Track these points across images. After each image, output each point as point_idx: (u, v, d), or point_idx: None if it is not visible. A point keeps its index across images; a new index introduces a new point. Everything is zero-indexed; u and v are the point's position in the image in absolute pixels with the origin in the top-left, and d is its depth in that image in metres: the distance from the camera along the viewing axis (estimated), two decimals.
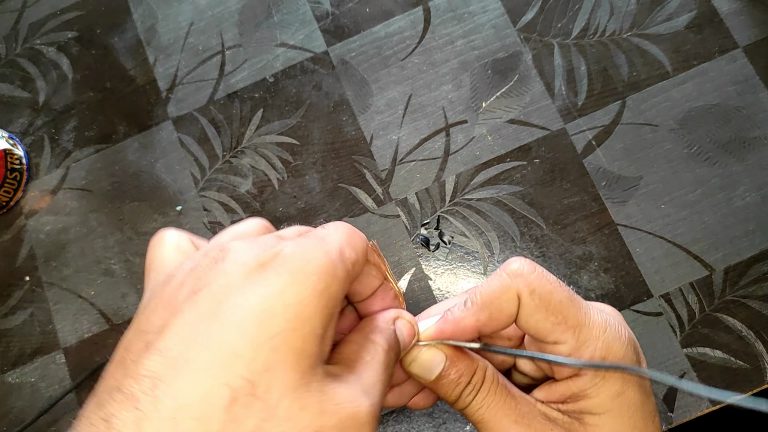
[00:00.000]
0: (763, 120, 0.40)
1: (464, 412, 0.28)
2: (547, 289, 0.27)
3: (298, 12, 0.46)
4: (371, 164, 0.42)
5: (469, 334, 0.28)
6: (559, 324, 0.27)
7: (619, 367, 0.24)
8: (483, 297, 0.27)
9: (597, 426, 0.27)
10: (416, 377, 0.28)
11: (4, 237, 0.44)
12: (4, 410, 0.41)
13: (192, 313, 0.21)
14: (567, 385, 0.28)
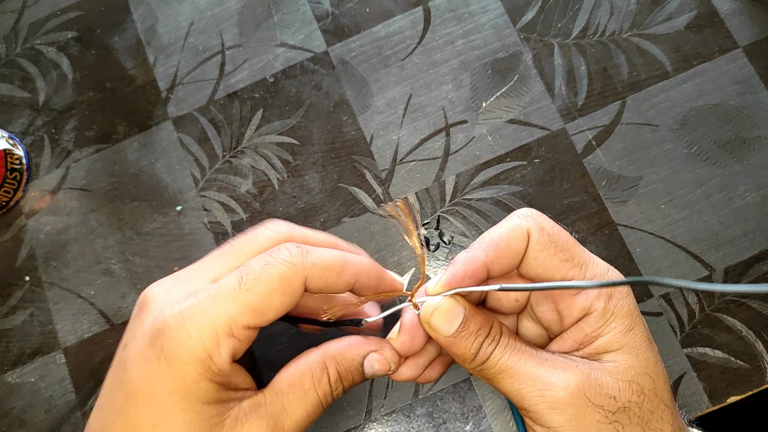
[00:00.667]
0: (763, 120, 0.40)
1: (482, 368, 0.28)
2: (555, 228, 0.28)
3: (298, 12, 0.46)
4: (371, 164, 0.42)
5: (479, 273, 0.28)
6: (566, 261, 0.28)
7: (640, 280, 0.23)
8: (492, 236, 0.28)
9: (616, 362, 0.27)
10: (435, 333, 0.28)
11: (4, 237, 0.44)
12: (4, 410, 0.41)
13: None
14: (579, 328, 0.28)
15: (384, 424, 0.38)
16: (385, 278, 0.30)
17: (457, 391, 0.38)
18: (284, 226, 0.30)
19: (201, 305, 0.26)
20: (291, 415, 0.27)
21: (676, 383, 0.37)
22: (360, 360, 0.30)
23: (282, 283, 0.26)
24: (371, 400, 0.39)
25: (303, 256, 0.27)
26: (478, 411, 0.38)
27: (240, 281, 0.26)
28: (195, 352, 0.25)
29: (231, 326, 0.25)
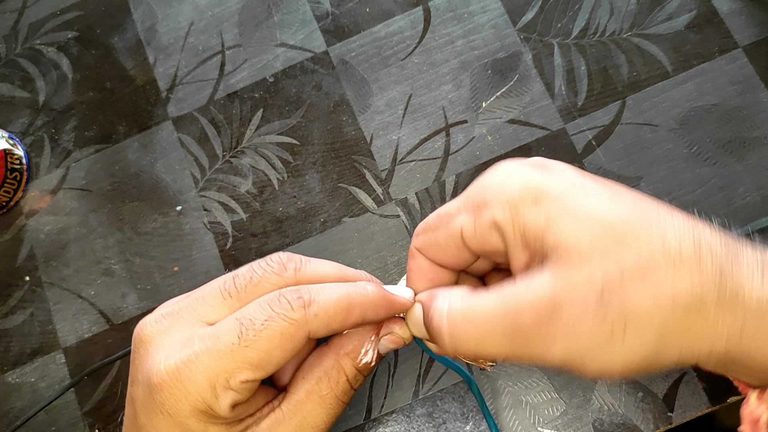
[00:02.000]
0: (763, 120, 0.40)
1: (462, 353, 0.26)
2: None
3: (298, 12, 0.46)
4: (371, 164, 0.42)
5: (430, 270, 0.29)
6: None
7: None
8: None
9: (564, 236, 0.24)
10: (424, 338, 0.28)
11: (4, 237, 0.44)
12: (4, 410, 0.41)
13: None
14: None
15: (384, 424, 0.38)
16: (393, 305, 0.29)
17: (457, 391, 0.38)
18: (291, 269, 0.29)
19: (198, 360, 0.25)
20: (313, 424, 0.27)
21: (676, 383, 0.37)
22: (375, 346, 0.29)
23: (283, 340, 0.25)
24: (371, 400, 0.39)
25: (305, 310, 0.26)
26: (478, 411, 0.38)
27: (239, 336, 0.25)
28: (195, 406, 0.25)
29: (229, 381, 0.25)
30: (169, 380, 0.25)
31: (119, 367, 0.41)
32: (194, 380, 0.25)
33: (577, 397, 0.37)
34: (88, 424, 0.40)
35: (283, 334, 0.25)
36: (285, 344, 0.25)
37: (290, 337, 0.25)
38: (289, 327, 0.25)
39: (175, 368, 0.25)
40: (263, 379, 0.26)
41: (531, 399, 0.38)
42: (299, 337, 0.26)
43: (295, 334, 0.25)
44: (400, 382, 0.39)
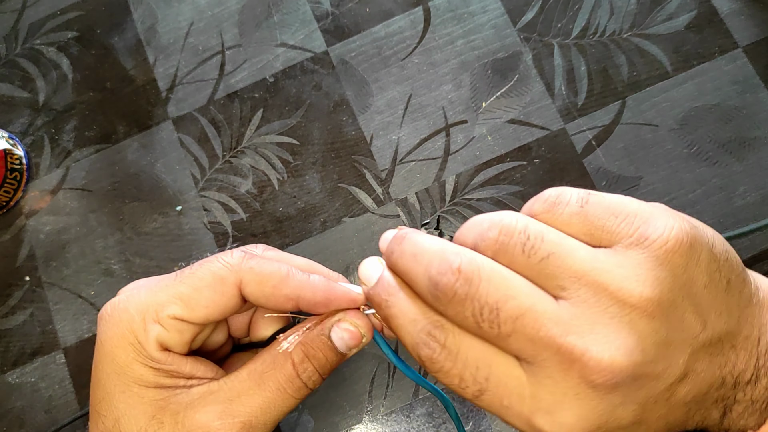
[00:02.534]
0: (763, 120, 0.40)
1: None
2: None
3: (298, 12, 0.46)
4: (371, 164, 0.42)
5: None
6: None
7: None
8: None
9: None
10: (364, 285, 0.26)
11: (4, 237, 0.44)
12: (4, 410, 0.41)
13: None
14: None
15: (384, 424, 0.38)
16: (335, 292, 0.28)
17: None
18: (261, 249, 0.30)
19: (137, 294, 0.27)
20: (246, 402, 0.27)
21: None
22: (326, 333, 0.28)
23: (214, 280, 0.26)
24: (371, 400, 0.39)
25: (241, 260, 0.27)
26: (478, 411, 0.38)
27: (176, 275, 0.27)
28: (123, 336, 0.26)
29: (158, 313, 0.26)
30: (108, 311, 0.27)
31: None
32: (127, 310, 0.27)
33: None
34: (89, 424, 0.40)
35: (214, 273, 0.26)
36: (216, 285, 0.26)
37: (221, 280, 0.26)
38: (222, 269, 0.26)
39: (117, 301, 0.27)
40: (196, 325, 0.27)
41: None
42: (230, 283, 0.26)
43: (225, 278, 0.26)
44: (400, 382, 0.39)
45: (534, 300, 0.21)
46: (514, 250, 0.22)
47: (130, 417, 0.26)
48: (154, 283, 0.27)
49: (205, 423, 0.26)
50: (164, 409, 0.26)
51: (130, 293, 0.28)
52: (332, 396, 0.39)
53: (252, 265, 0.27)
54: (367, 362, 0.39)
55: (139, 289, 0.28)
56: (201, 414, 0.26)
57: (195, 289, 0.26)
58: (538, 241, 0.22)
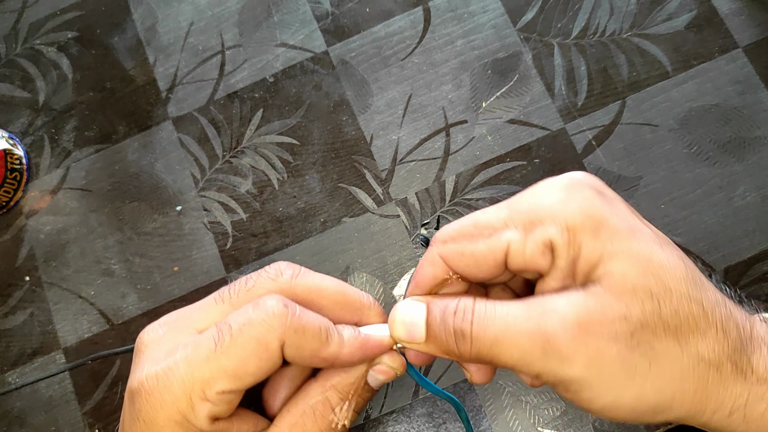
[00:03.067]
0: (763, 120, 0.40)
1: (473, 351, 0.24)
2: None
3: (298, 12, 0.46)
4: (371, 164, 0.42)
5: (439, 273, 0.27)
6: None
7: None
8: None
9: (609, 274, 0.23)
10: (407, 343, 0.26)
11: (4, 237, 0.44)
12: (4, 410, 0.41)
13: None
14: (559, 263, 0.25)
15: (384, 424, 0.38)
16: (369, 348, 0.27)
17: (457, 391, 0.38)
18: (287, 274, 0.28)
19: (176, 368, 0.25)
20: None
21: None
22: (363, 379, 0.28)
23: (258, 347, 0.25)
24: (371, 400, 0.39)
25: (284, 319, 0.25)
26: (478, 411, 0.38)
27: (216, 342, 0.25)
28: (170, 416, 0.25)
29: (205, 391, 0.25)
30: (147, 388, 0.25)
31: (119, 367, 0.41)
32: (170, 389, 0.25)
33: None
34: (88, 424, 0.40)
35: (259, 341, 0.24)
36: (260, 352, 0.25)
37: (265, 346, 0.25)
38: (266, 333, 0.24)
39: (154, 376, 0.25)
40: (243, 390, 0.26)
41: (531, 399, 0.38)
42: (274, 348, 0.25)
43: (270, 344, 0.25)
44: (400, 382, 0.39)
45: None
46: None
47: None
48: (192, 352, 0.25)
49: None
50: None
51: (167, 367, 0.25)
52: None
53: (295, 327, 0.25)
54: None
55: (175, 361, 0.25)
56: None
57: (240, 360, 0.25)
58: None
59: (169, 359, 0.25)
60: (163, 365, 0.25)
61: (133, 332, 0.41)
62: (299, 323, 0.25)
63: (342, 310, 0.28)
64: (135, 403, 0.25)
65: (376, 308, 0.30)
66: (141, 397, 0.25)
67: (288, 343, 0.25)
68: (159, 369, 0.25)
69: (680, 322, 0.22)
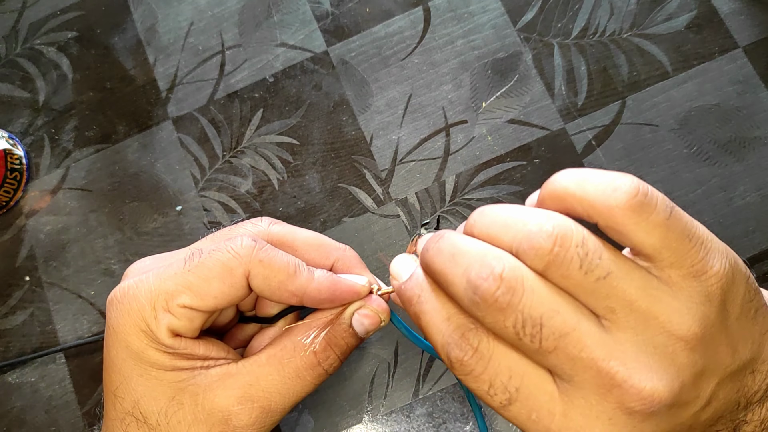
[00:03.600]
0: (763, 120, 0.40)
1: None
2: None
3: (298, 12, 0.46)
4: (371, 164, 0.42)
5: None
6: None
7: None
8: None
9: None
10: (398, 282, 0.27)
11: (4, 237, 0.44)
12: (4, 410, 0.41)
13: None
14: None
15: (384, 424, 0.38)
16: (339, 288, 0.29)
17: (457, 391, 0.38)
18: (266, 223, 0.31)
19: (146, 280, 0.27)
20: (265, 387, 0.27)
21: None
22: (348, 322, 0.29)
23: (222, 271, 0.26)
24: (371, 400, 0.39)
25: (251, 250, 0.27)
26: None
27: (186, 262, 0.27)
28: (135, 323, 0.27)
29: (168, 302, 0.26)
30: (119, 297, 0.27)
31: None
32: (137, 298, 0.27)
33: None
34: (88, 423, 0.40)
35: (224, 264, 0.26)
36: (224, 276, 0.26)
37: (230, 271, 0.26)
38: (232, 260, 0.26)
39: (126, 287, 0.27)
40: (205, 312, 0.27)
41: None
42: (238, 274, 0.26)
43: (234, 269, 0.26)
44: (400, 382, 0.39)
45: (579, 318, 0.20)
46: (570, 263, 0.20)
47: (149, 399, 0.27)
48: (163, 269, 0.27)
49: (225, 406, 0.27)
50: (183, 391, 0.27)
51: (139, 279, 0.27)
52: (332, 396, 0.39)
53: (261, 257, 0.27)
54: (367, 362, 0.39)
55: (147, 275, 0.28)
56: (220, 397, 0.27)
57: (204, 279, 0.26)
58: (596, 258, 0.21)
59: (142, 275, 0.28)
60: (135, 279, 0.28)
61: None
62: (265, 255, 0.27)
63: (316, 252, 0.30)
64: (108, 314, 0.28)
65: (351, 252, 0.31)
66: (112, 306, 0.28)
67: (253, 273, 0.27)
68: (131, 282, 0.28)
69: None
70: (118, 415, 0.27)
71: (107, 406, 0.28)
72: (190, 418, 0.27)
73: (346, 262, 0.31)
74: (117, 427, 0.27)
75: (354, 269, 0.31)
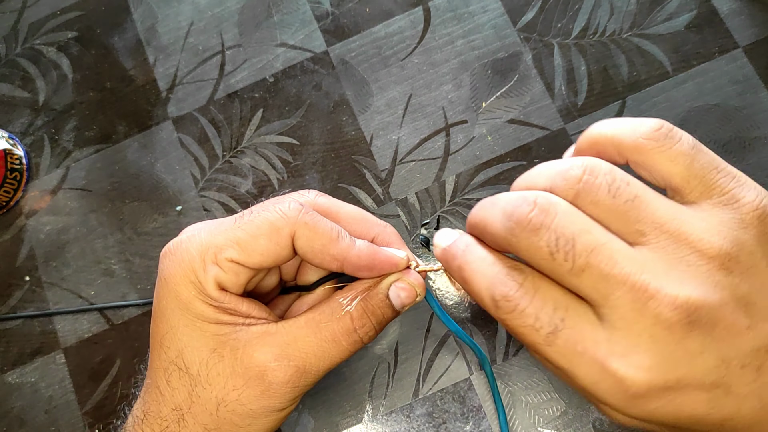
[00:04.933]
0: (763, 120, 0.40)
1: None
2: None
3: (298, 12, 0.46)
4: (371, 164, 0.42)
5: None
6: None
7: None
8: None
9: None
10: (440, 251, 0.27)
11: (4, 237, 0.44)
12: (4, 410, 0.41)
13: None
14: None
15: (384, 424, 0.38)
16: (378, 258, 0.30)
17: (457, 391, 0.38)
18: (312, 194, 0.32)
19: (198, 235, 0.29)
20: (302, 348, 0.28)
21: None
22: (384, 292, 0.30)
23: (270, 229, 0.28)
24: (371, 400, 0.39)
25: (297, 212, 0.28)
26: (478, 411, 0.38)
27: (236, 220, 0.28)
28: (185, 274, 0.28)
29: (216, 255, 0.27)
30: (172, 249, 0.29)
31: (119, 367, 0.41)
32: (189, 250, 0.28)
33: (577, 397, 0.37)
34: (88, 424, 0.40)
35: (272, 223, 0.28)
36: (271, 234, 0.28)
37: (276, 230, 0.28)
38: (278, 219, 0.28)
39: (179, 241, 0.29)
40: (251, 269, 0.28)
41: (531, 399, 0.38)
42: (284, 234, 0.28)
43: (281, 228, 0.28)
44: (400, 382, 0.39)
45: (610, 237, 0.21)
46: (599, 189, 0.22)
47: (192, 349, 0.28)
48: (215, 226, 0.29)
49: (262, 362, 0.28)
50: (224, 344, 0.28)
51: (191, 234, 0.29)
52: (332, 396, 0.39)
53: (306, 220, 0.28)
54: (367, 362, 0.39)
55: (199, 231, 0.29)
56: (259, 353, 0.28)
57: (252, 236, 0.28)
58: (623, 184, 0.22)
59: (194, 231, 0.29)
60: (188, 234, 0.29)
61: (133, 332, 0.41)
62: (311, 218, 0.28)
63: (358, 225, 0.31)
64: (161, 265, 0.29)
65: (391, 229, 0.32)
66: (166, 257, 0.29)
67: (298, 234, 0.28)
68: (184, 237, 0.29)
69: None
70: (162, 363, 0.28)
71: (152, 355, 0.29)
72: (229, 370, 0.28)
73: (386, 238, 0.32)
74: (160, 376, 0.28)
75: (393, 245, 0.32)
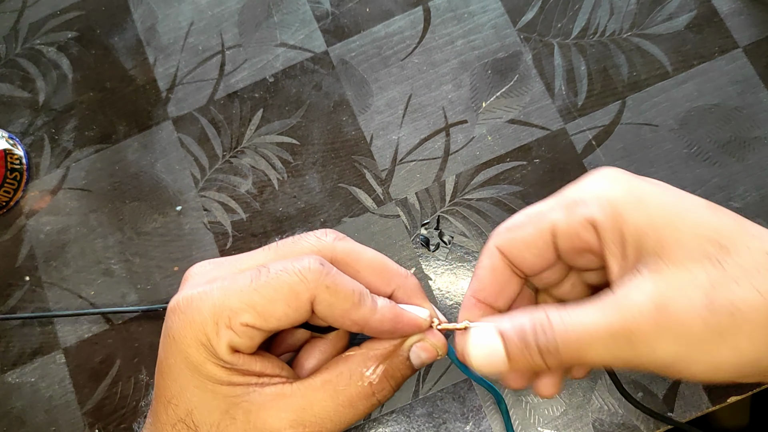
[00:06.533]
0: (763, 120, 0.40)
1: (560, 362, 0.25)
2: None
3: (298, 12, 0.46)
4: (371, 164, 0.42)
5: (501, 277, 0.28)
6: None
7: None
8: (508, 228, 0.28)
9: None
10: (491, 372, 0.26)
11: (4, 237, 0.44)
12: (4, 410, 0.41)
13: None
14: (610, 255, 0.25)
15: (384, 424, 0.38)
16: (401, 321, 0.28)
17: (457, 391, 0.38)
18: (331, 237, 0.30)
19: (210, 293, 0.27)
20: (318, 413, 0.27)
21: (677, 383, 0.37)
22: (405, 354, 0.29)
23: (289, 294, 0.26)
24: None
25: (319, 275, 0.26)
26: (478, 411, 0.38)
27: (252, 279, 0.26)
28: (196, 336, 0.26)
29: (231, 319, 0.26)
30: (182, 306, 0.27)
31: (119, 367, 0.41)
32: (201, 311, 0.26)
33: (577, 397, 0.37)
34: (88, 424, 0.40)
35: (291, 288, 0.26)
36: (290, 299, 0.26)
37: (296, 295, 0.26)
38: (299, 283, 0.26)
39: (190, 298, 0.27)
40: (265, 332, 0.27)
41: (531, 399, 0.38)
42: (304, 299, 0.26)
43: (301, 294, 0.26)
44: None
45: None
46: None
47: (203, 410, 0.27)
48: (228, 283, 0.27)
49: (276, 428, 0.27)
50: (237, 406, 0.27)
51: (203, 291, 0.27)
52: None
53: (328, 284, 0.26)
54: None
55: (212, 286, 0.27)
56: (273, 418, 0.27)
57: (269, 300, 0.26)
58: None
59: (206, 286, 0.27)
60: (200, 289, 0.27)
61: (133, 332, 0.41)
62: (332, 281, 0.26)
63: (378, 277, 0.30)
64: (168, 321, 0.27)
65: (413, 280, 0.31)
66: (175, 315, 0.27)
67: (319, 299, 0.26)
68: (195, 292, 0.27)
69: (749, 271, 0.22)
70: (170, 420, 0.27)
71: (158, 409, 0.28)
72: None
73: (407, 291, 0.30)
74: (168, 431, 0.28)
75: (414, 298, 0.30)
